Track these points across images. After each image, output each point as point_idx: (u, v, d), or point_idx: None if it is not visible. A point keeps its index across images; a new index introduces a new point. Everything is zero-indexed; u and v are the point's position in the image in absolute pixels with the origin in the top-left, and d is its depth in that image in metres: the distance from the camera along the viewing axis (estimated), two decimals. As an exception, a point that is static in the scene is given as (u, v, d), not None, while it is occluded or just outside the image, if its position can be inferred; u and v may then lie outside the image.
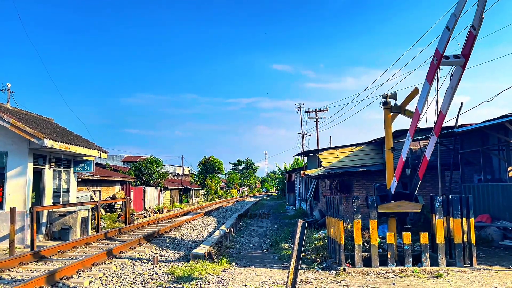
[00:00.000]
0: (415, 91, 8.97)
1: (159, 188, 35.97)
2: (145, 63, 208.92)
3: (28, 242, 12.26)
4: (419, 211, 9.09)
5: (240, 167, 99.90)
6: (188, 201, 48.01)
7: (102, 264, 9.13)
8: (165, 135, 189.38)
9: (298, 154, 35.19)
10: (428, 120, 8.39)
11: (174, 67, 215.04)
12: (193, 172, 65.30)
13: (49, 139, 12.81)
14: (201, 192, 55.50)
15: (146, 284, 7.36)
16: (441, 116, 7.83)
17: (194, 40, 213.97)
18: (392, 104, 9.41)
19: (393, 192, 8.96)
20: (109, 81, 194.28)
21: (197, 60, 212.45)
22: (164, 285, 7.20)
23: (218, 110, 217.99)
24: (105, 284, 7.42)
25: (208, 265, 8.85)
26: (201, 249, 10.45)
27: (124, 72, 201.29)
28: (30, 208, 12.06)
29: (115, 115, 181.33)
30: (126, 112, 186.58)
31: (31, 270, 8.63)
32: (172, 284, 7.25)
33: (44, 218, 14.12)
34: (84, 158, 16.79)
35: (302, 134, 39.44)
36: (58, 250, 10.64)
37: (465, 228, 8.76)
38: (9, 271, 8.49)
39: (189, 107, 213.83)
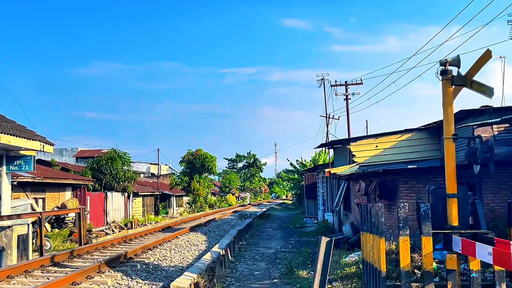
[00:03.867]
0: (487, 54, 8.86)
1: (126, 194, 36.19)
2: (106, 19, 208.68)
3: None
4: None
5: (240, 165, 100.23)
6: (167, 212, 48.31)
7: (47, 300, 9.18)
8: (135, 120, 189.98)
9: (321, 146, 35.17)
10: (505, 97, 8.22)
11: (147, 24, 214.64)
12: (173, 171, 65.60)
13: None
14: (185, 199, 55.80)
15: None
16: None
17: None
18: (454, 73, 9.29)
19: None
20: (55, 43, 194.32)
21: (180, 15, 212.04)
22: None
23: (208, 85, 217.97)
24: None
25: (196, 301, 8.88)
26: (186, 279, 10.48)
27: (77, 32, 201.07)
28: None
29: (64, 92, 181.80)
30: (79, 88, 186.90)
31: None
32: (145, 328, 7.27)
33: (-33, 237, 14.21)
34: (21, 152, 16.84)
35: (326, 117, 39.38)
36: (-14, 281, 10.71)
37: (557, 248, 8.71)
38: None
39: (168, 81, 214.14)
